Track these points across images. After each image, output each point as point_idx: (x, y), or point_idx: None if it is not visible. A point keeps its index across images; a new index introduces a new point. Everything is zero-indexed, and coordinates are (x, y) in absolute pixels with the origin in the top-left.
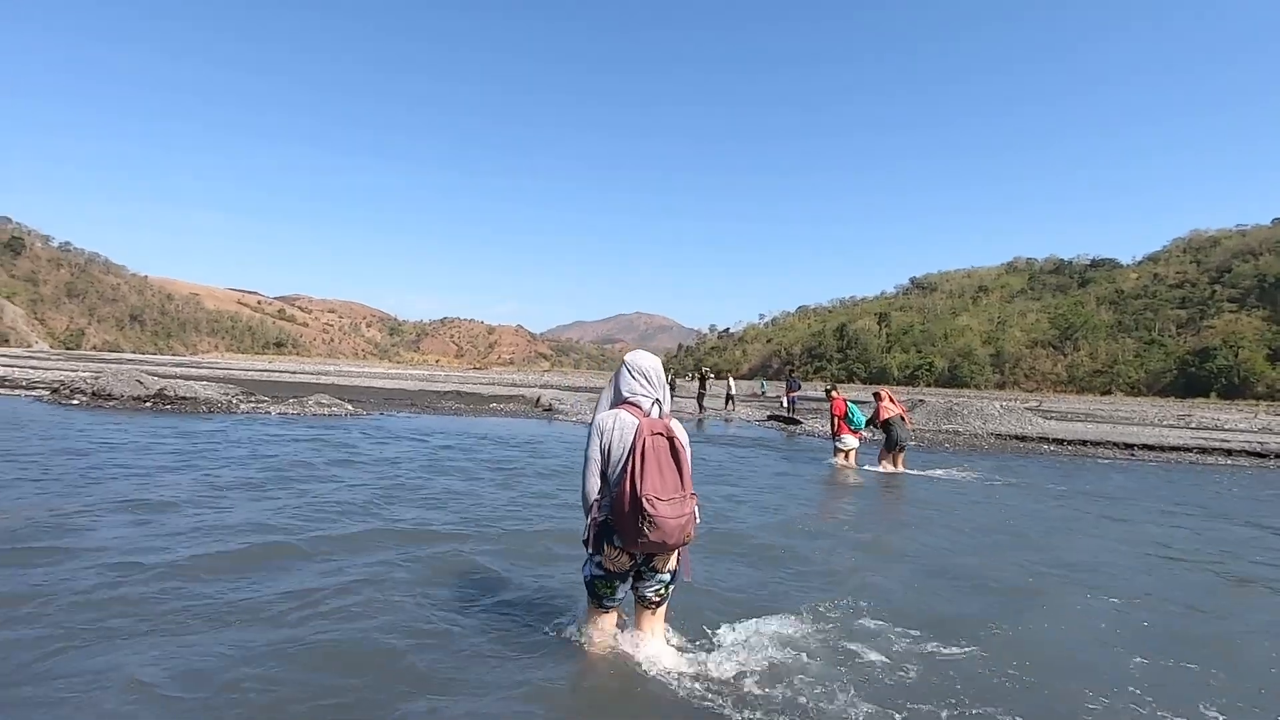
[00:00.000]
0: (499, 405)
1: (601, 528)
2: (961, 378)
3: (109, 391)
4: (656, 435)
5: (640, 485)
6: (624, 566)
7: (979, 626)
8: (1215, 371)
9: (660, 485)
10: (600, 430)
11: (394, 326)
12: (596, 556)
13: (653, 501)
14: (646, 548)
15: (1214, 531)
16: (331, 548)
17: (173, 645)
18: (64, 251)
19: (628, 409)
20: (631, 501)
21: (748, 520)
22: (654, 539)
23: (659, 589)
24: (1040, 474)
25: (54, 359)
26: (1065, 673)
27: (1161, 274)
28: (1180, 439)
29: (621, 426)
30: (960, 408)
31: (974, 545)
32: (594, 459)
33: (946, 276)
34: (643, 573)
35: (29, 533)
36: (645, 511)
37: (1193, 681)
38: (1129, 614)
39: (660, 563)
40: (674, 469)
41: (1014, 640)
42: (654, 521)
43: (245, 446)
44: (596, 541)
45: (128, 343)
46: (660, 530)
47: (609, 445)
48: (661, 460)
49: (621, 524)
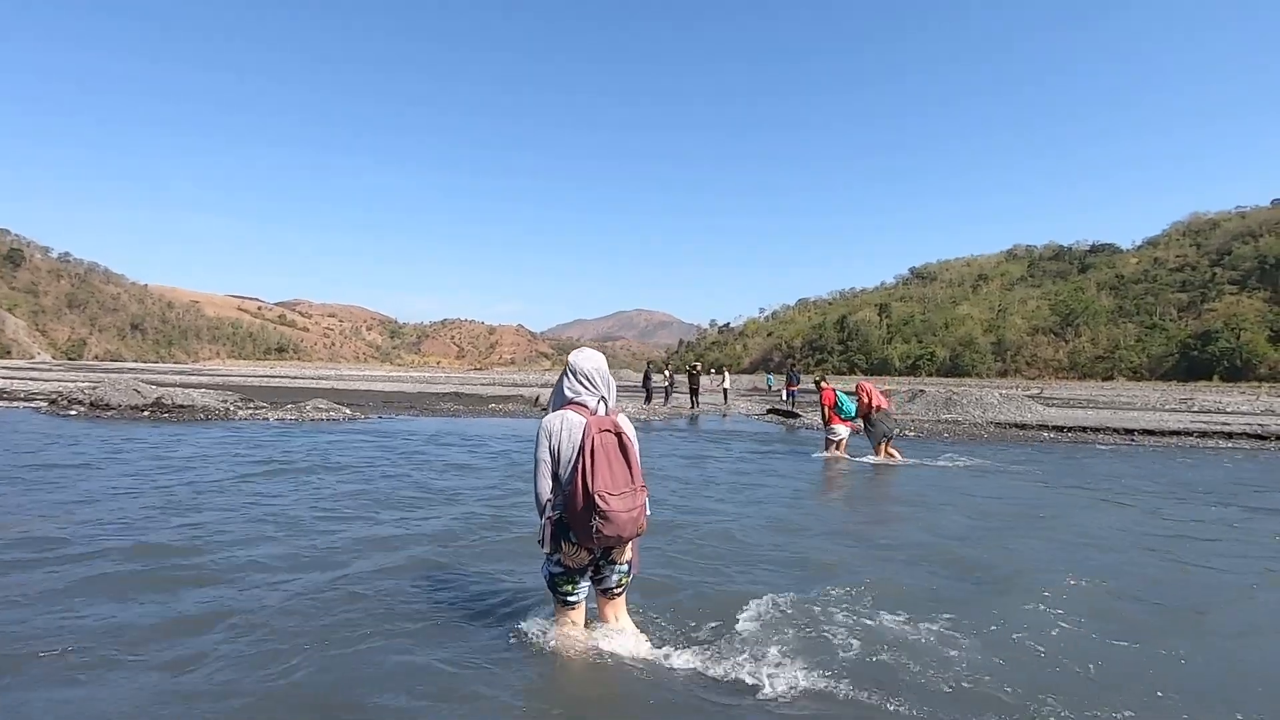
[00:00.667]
0: (498, 406)
1: (557, 526)
2: (963, 367)
3: (106, 401)
4: (604, 432)
5: (591, 482)
6: (583, 562)
7: (951, 610)
8: (1217, 354)
9: (610, 481)
10: (548, 432)
11: (395, 329)
12: (555, 555)
13: (604, 497)
14: (602, 542)
15: (1199, 515)
16: (318, 553)
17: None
18: (64, 262)
19: (574, 409)
20: (584, 498)
21: (732, 513)
22: (608, 534)
23: (619, 579)
24: (1034, 462)
25: (55, 370)
26: (1040, 659)
27: (1162, 258)
28: (1180, 423)
29: (569, 427)
30: (959, 397)
31: (955, 532)
32: (544, 460)
33: (946, 265)
34: (601, 565)
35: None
36: (598, 507)
37: (1153, 665)
38: (1097, 597)
39: (618, 554)
40: (623, 464)
41: (989, 624)
42: (607, 516)
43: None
44: (554, 540)
45: (129, 352)
46: (614, 524)
47: (558, 446)
48: (611, 456)
49: (576, 521)
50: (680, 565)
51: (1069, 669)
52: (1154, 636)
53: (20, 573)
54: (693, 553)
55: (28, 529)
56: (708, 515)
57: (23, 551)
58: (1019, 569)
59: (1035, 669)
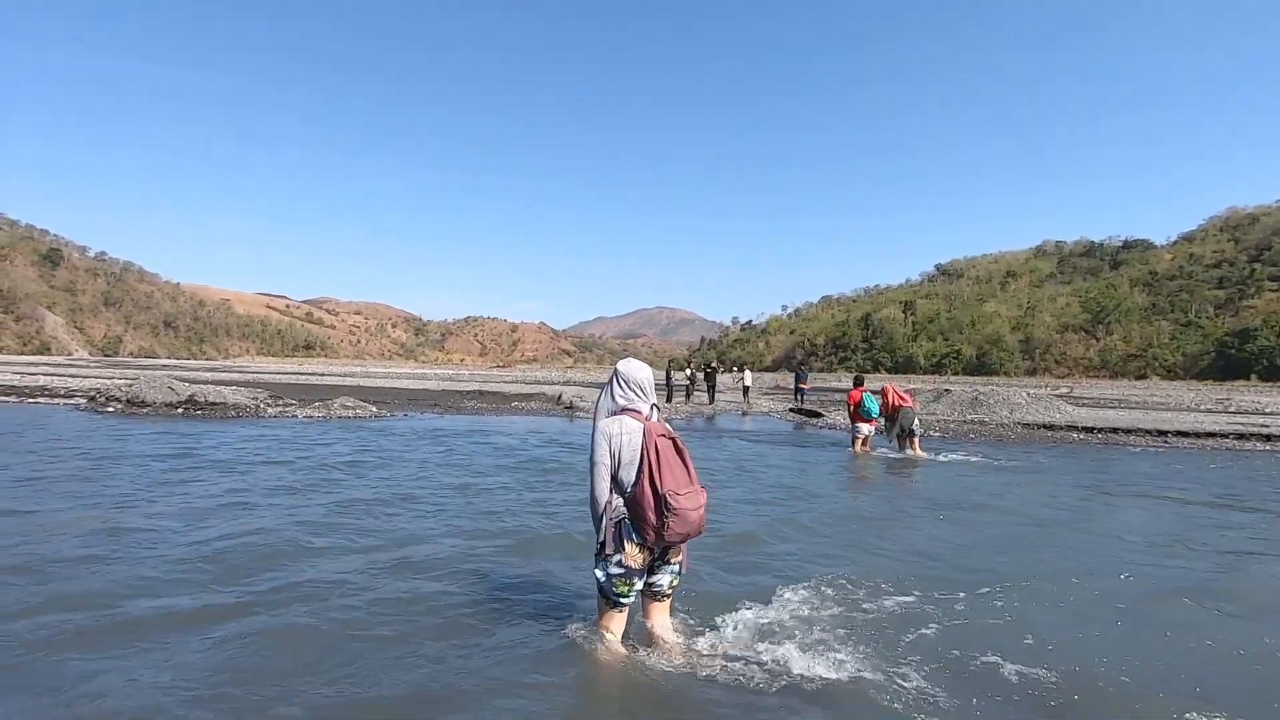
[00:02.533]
0: (520, 404)
1: (620, 527)
2: (990, 365)
3: (142, 398)
4: (662, 437)
5: (661, 483)
6: (643, 563)
7: (966, 606)
8: (1256, 353)
9: (675, 481)
10: (608, 435)
11: (419, 327)
12: (616, 556)
13: (675, 495)
14: (671, 539)
15: (1229, 521)
16: (329, 553)
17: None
18: (100, 261)
19: (630, 415)
20: (655, 499)
21: (759, 513)
22: (680, 531)
23: (671, 579)
24: (1058, 462)
25: (93, 366)
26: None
27: (1198, 254)
28: (1217, 424)
29: (628, 431)
30: (986, 397)
31: (968, 534)
32: (604, 463)
33: (973, 262)
34: (656, 566)
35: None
36: (671, 506)
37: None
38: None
39: (673, 555)
40: (682, 466)
41: (1003, 617)
42: (678, 514)
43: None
44: (616, 540)
45: (162, 348)
46: (685, 522)
47: (618, 449)
48: (670, 460)
49: (644, 521)
50: (710, 564)
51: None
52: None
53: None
54: (720, 551)
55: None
56: (730, 513)
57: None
58: (1019, 573)
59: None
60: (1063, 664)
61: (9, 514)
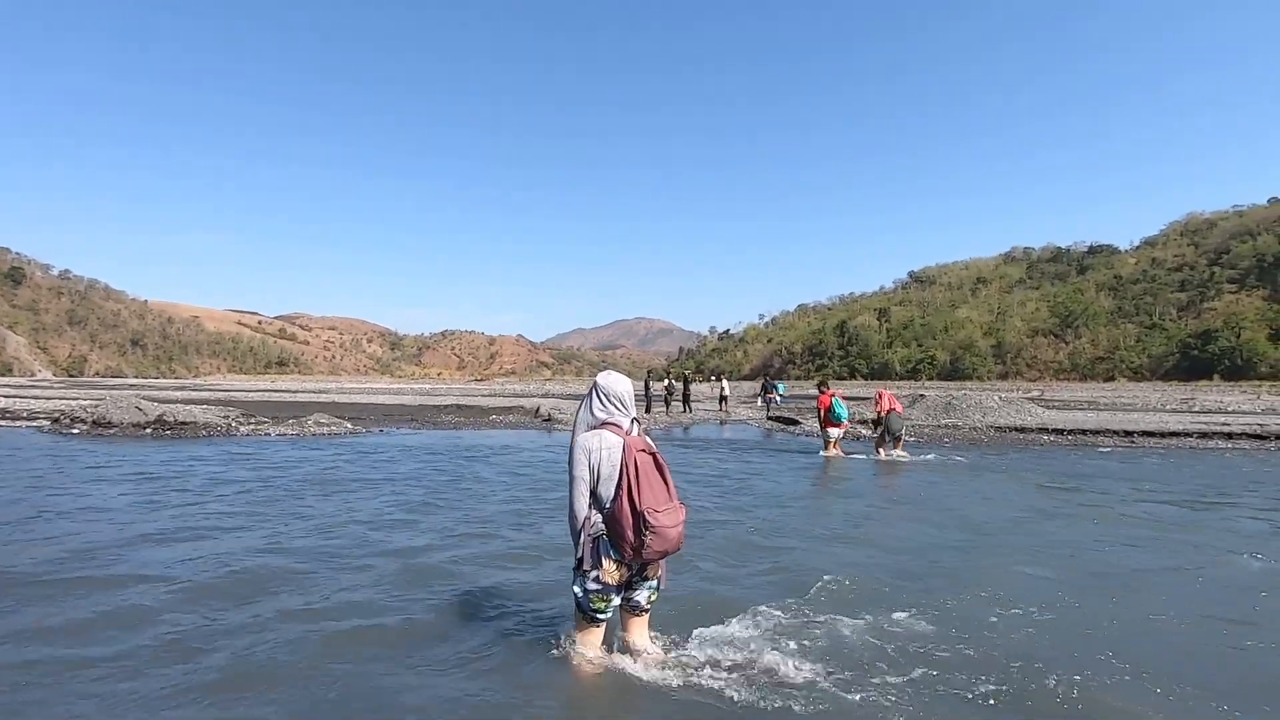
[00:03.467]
0: (499, 417)
1: (598, 543)
2: (964, 370)
3: (109, 419)
4: (642, 452)
5: (640, 500)
6: (620, 579)
7: (938, 609)
8: (1218, 353)
9: (654, 498)
10: (587, 450)
11: (395, 341)
12: (593, 572)
13: (653, 512)
14: (650, 556)
15: (1182, 515)
16: (318, 567)
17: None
18: (64, 280)
19: (610, 429)
20: (633, 515)
21: (736, 522)
22: (658, 548)
23: (649, 595)
24: (1028, 464)
25: (56, 387)
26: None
27: (1160, 258)
28: (1181, 424)
29: (608, 446)
30: (959, 401)
31: (941, 534)
32: (583, 478)
33: (945, 269)
34: (634, 582)
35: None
36: (649, 523)
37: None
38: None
39: (651, 571)
40: (661, 482)
41: (966, 617)
42: (657, 531)
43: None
44: (594, 557)
45: (130, 367)
46: (663, 539)
47: (597, 464)
48: (650, 475)
49: (622, 538)
50: (689, 574)
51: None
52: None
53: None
54: (701, 558)
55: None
56: (708, 523)
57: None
58: (981, 567)
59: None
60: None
61: None
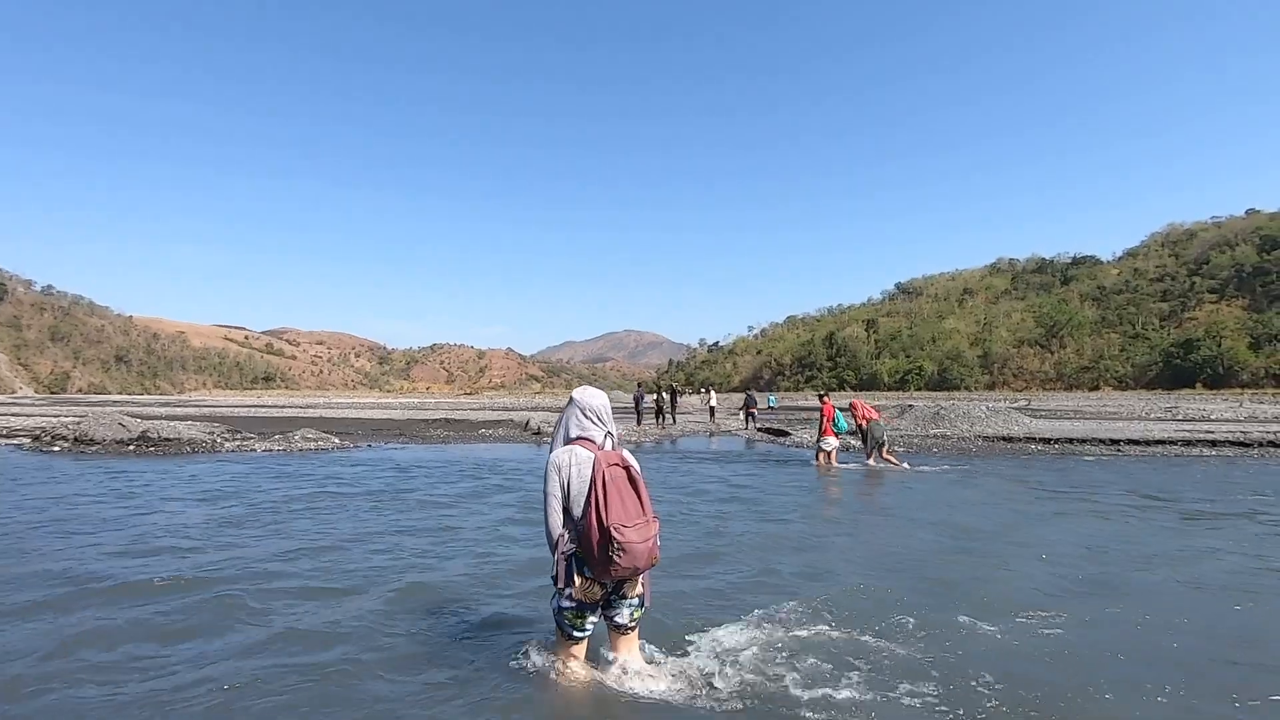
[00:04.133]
0: (488, 431)
1: (570, 560)
2: (951, 380)
3: (91, 436)
4: (613, 466)
5: (605, 515)
6: (595, 596)
7: (929, 618)
8: (1200, 362)
9: (624, 513)
10: (558, 467)
11: (383, 355)
12: (567, 589)
13: (620, 529)
14: (619, 574)
15: (1174, 521)
16: (281, 593)
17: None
18: (47, 295)
19: (582, 444)
20: (600, 532)
21: (726, 534)
22: (625, 565)
23: (631, 613)
24: (1017, 473)
25: (38, 405)
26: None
27: (1141, 268)
28: (1165, 432)
29: (578, 462)
30: (947, 411)
31: (932, 541)
32: (555, 495)
33: (931, 280)
34: (613, 600)
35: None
36: (615, 540)
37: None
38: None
39: (629, 588)
40: (634, 496)
41: (951, 631)
42: (623, 548)
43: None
44: (567, 574)
45: (114, 384)
46: (630, 555)
47: (568, 480)
48: (622, 489)
49: (591, 554)
50: (677, 587)
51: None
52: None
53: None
54: (687, 574)
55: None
56: (697, 535)
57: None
58: (970, 576)
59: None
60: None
61: None
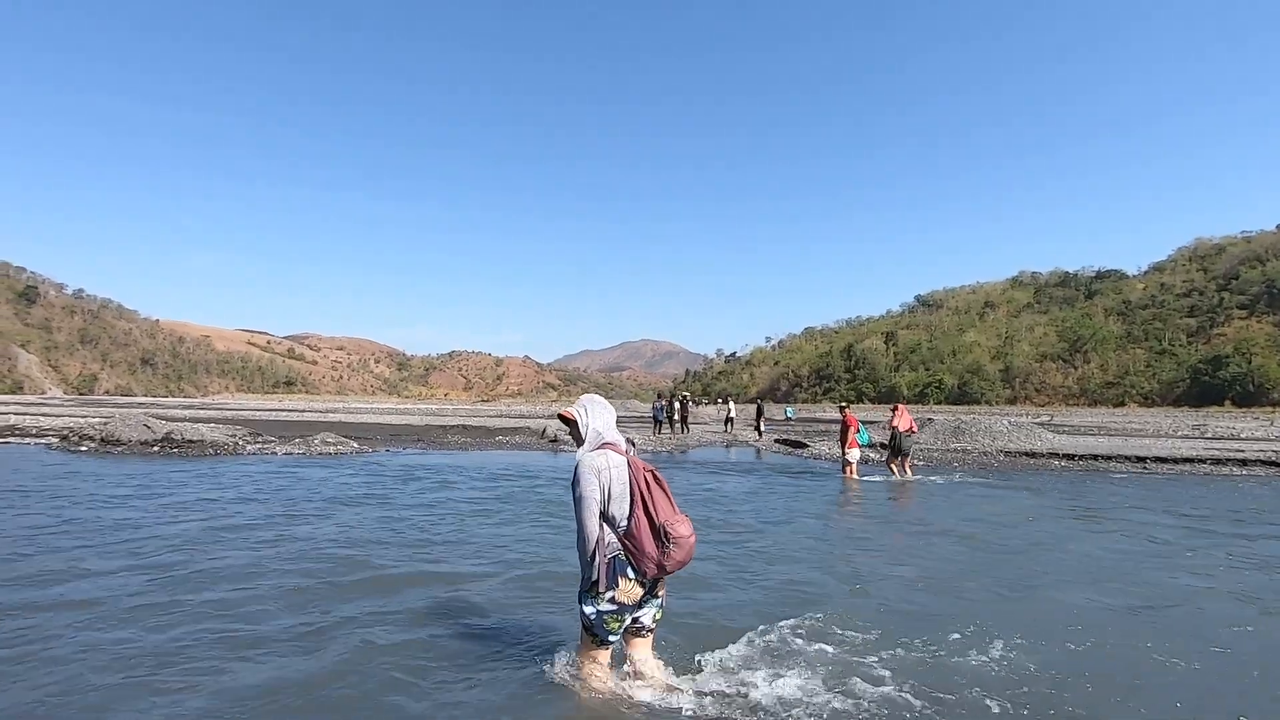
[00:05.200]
0: (505, 438)
1: (613, 563)
2: (972, 394)
3: (117, 437)
4: (647, 472)
5: (656, 514)
6: (637, 597)
7: (953, 635)
8: (1229, 379)
9: (667, 512)
10: (596, 470)
11: (402, 361)
12: (609, 593)
13: (673, 525)
14: (673, 567)
15: (1183, 543)
16: (312, 596)
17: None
18: (78, 299)
19: (611, 449)
20: (653, 530)
21: (747, 545)
22: (679, 559)
23: (654, 614)
24: (1041, 488)
25: (66, 405)
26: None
27: (1168, 283)
28: (1194, 450)
29: (615, 465)
30: (969, 425)
31: (954, 556)
32: (594, 499)
33: (952, 293)
34: (643, 600)
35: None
36: (670, 535)
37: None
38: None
39: (660, 588)
40: (665, 497)
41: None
42: (678, 543)
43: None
44: (610, 577)
45: (139, 386)
46: (683, 549)
47: (607, 483)
48: (656, 491)
49: (643, 554)
50: (698, 598)
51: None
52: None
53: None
54: (708, 579)
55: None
56: (720, 546)
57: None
58: (999, 596)
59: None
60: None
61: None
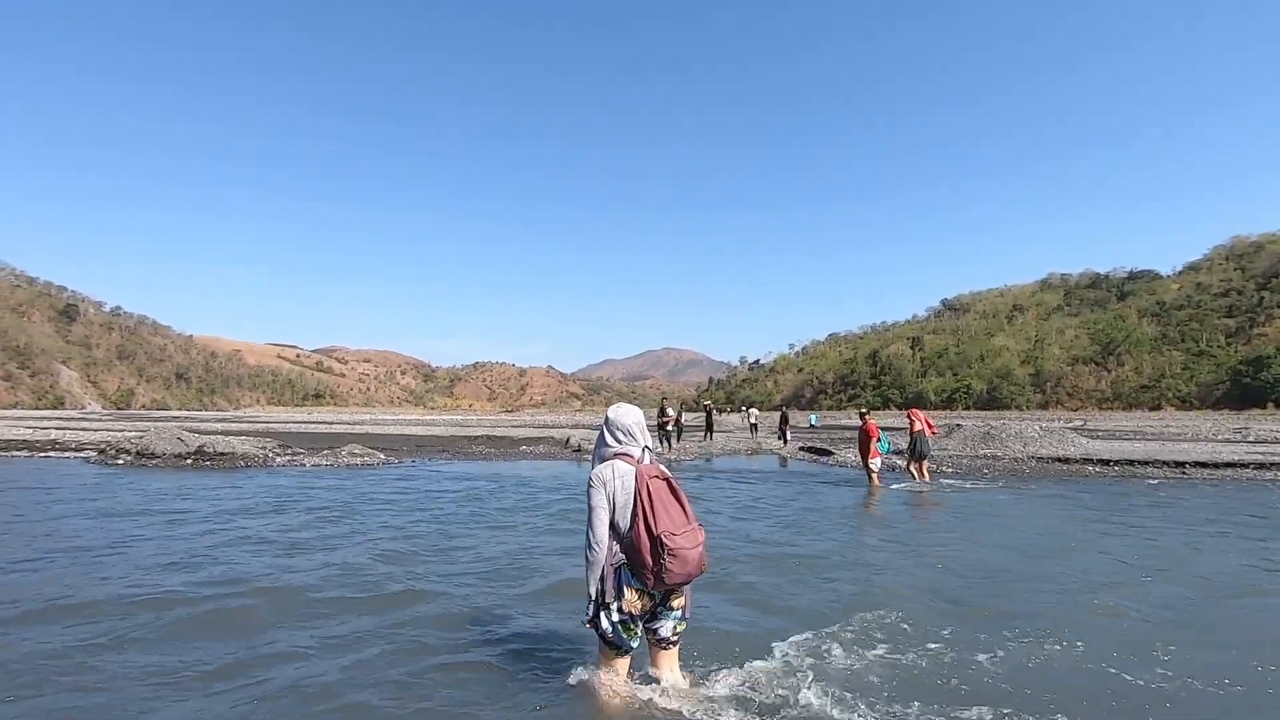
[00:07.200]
0: (529, 448)
1: (619, 572)
2: (1001, 399)
3: (152, 450)
4: (655, 479)
5: (655, 524)
6: (645, 608)
7: (985, 646)
8: (1271, 381)
9: (671, 522)
10: (603, 481)
11: (428, 373)
12: (616, 603)
13: (671, 536)
14: (672, 581)
15: (1249, 548)
16: (330, 604)
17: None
18: (115, 316)
19: (623, 459)
20: (650, 541)
21: (775, 553)
22: (678, 571)
23: (675, 625)
24: (1074, 495)
25: (105, 419)
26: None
27: (1205, 283)
28: (1236, 454)
29: (621, 475)
30: (998, 431)
31: (986, 564)
32: (602, 508)
33: (979, 297)
34: (658, 612)
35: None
36: (666, 547)
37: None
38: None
39: (675, 599)
40: (678, 506)
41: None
42: (676, 554)
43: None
44: (616, 587)
45: (174, 400)
46: (684, 562)
47: (613, 494)
48: (665, 500)
49: (641, 565)
50: (724, 607)
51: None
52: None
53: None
54: (735, 588)
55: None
56: (744, 554)
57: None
58: (1025, 609)
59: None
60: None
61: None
